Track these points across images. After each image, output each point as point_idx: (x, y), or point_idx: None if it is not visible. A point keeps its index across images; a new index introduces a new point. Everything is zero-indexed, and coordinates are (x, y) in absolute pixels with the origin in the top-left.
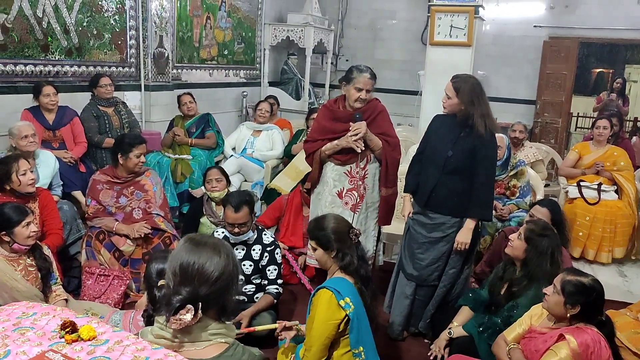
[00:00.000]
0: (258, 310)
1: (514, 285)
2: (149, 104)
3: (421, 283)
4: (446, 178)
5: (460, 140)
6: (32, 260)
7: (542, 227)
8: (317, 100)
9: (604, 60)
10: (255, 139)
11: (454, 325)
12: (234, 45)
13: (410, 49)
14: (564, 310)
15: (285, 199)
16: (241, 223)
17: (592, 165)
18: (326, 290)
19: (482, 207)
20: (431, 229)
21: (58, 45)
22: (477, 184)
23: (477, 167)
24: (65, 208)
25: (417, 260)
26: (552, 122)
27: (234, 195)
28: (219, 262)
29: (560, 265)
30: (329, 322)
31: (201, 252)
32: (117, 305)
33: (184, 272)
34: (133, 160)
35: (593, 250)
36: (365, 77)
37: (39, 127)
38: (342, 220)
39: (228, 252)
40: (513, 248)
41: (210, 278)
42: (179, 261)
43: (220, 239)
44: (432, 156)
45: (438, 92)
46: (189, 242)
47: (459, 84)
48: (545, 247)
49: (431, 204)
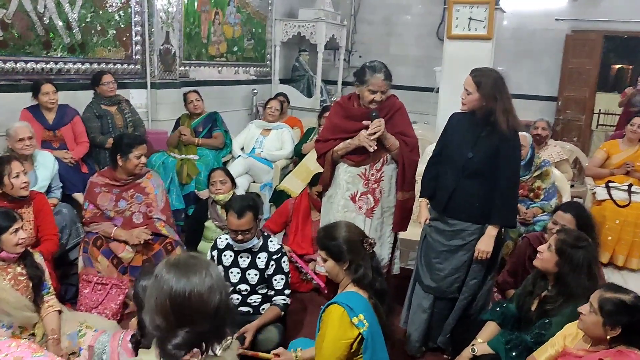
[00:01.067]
0: (264, 323)
1: (547, 304)
2: (155, 102)
3: (440, 295)
4: (466, 181)
5: (481, 140)
6: (22, 268)
7: (576, 238)
8: (330, 98)
9: (625, 56)
10: (264, 138)
11: (478, 341)
12: (244, 42)
13: (426, 44)
14: (603, 332)
15: (292, 203)
16: (245, 230)
17: (622, 165)
18: (337, 306)
19: (505, 212)
20: (450, 237)
21: (60, 41)
22: (500, 188)
23: (500, 169)
24: (64, 211)
25: (435, 271)
26: (574, 120)
27: (237, 200)
28: (212, 283)
29: (599, 280)
30: (340, 342)
31: (188, 274)
32: (115, 316)
33: (178, 307)
34: (133, 161)
35: (623, 255)
36: (379, 79)
37: (38, 126)
38: (355, 228)
39: (209, 265)
40: (542, 260)
41: (209, 307)
42: (167, 293)
43: (198, 257)
44: (451, 158)
45: (456, 88)
46: (170, 266)
47: (479, 78)
48: (580, 261)
49: (450, 209)
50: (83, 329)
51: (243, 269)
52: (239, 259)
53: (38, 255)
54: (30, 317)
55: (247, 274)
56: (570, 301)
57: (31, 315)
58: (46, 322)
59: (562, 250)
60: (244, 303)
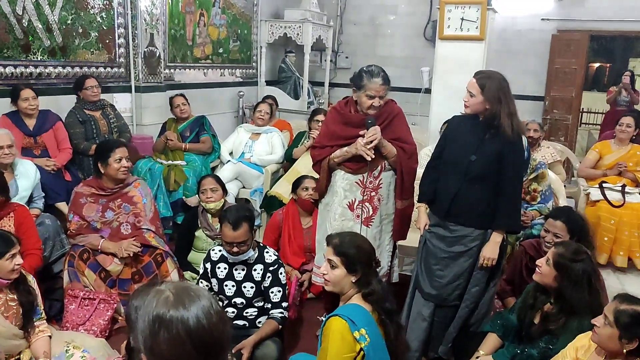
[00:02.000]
0: (261, 338)
1: (550, 322)
2: (140, 107)
3: (441, 303)
4: (469, 185)
5: (485, 143)
6: (14, 294)
7: (574, 252)
8: (317, 100)
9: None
10: (253, 142)
11: (481, 354)
12: (229, 43)
13: (413, 44)
14: (619, 345)
15: (280, 214)
16: (240, 242)
17: (614, 165)
18: (339, 319)
19: (510, 217)
20: (451, 243)
21: (40, 44)
22: (505, 192)
23: (504, 173)
24: (47, 222)
25: (435, 278)
26: (561, 119)
27: (232, 211)
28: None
29: (600, 292)
30: (342, 356)
31: (192, 306)
32: (104, 333)
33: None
34: (113, 166)
35: (621, 256)
36: (377, 84)
37: (18, 133)
38: (369, 242)
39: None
40: (542, 275)
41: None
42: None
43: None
44: (453, 162)
45: (448, 89)
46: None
47: (484, 81)
48: (580, 274)
49: (452, 214)
50: (70, 349)
51: (238, 281)
52: (234, 272)
53: (31, 278)
54: (18, 345)
55: (243, 287)
56: (573, 318)
57: (19, 343)
58: (36, 347)
59: (560, 264)
60: (240, 316)
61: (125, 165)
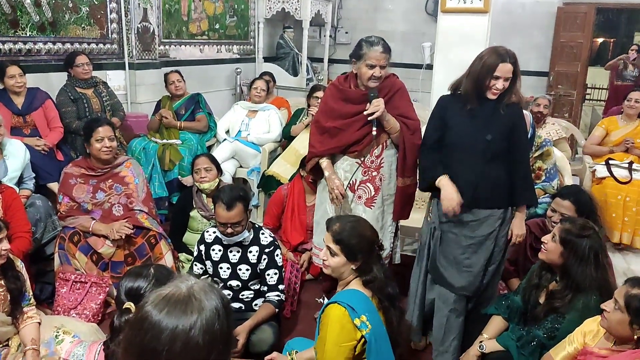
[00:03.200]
0: (257, 322)
1: (555, 299)
2: (134, 84)
3: (475, 294)
4: (490, 167)
5: (496, 120)
6: (1, 280)
7: (581, 227)
8: (316, 76)
9: (607, 29)
10: (250, 120)
11: (485, 337)
12: (226, 19)
13: (414, 19)
14: (630, 331)
15: (286, 190)
16: (235, 222)
17: (622, 142)
18: (338, 306)
19: (529, 191)
20: (476, 227)
21: (29, 20)
22: (521, 166)
23: (517, 148)
24: (38, 203)
25: (464, 268)
26: (566, 95)
27: (225, 191)
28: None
29: (607, 269)
30: (342, 345)
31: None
32: (96, 317)
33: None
34: (95, 146)
35: (627, 233)
36: (377, 51)
37: (6, 112)
38: (373, 227)
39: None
40: (548, 252)
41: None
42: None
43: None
44: (467, 145)
45: (451, 65)
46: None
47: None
48: (587, 251)
49: (478, 200)
50: (60, 334)
51: (233, 264)
52: (228, 254)
53: (20, 262)
54: (6, 331)
55: (238, 269)
56: (579, 294)
57: (7, 329)
58: (24, 333)
59: (567, 240)
60: (236, 299)
61: (107, 145)
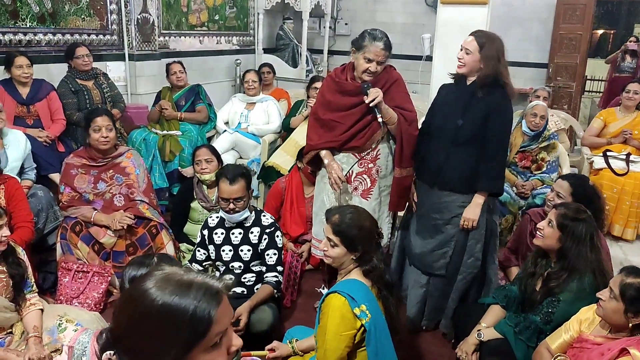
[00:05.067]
0: (257, 303)
1: (551, 280)
2: (134, 75)
3: (426, 270)
4: (457, 150)
5: (472, 106)
6: (3, 266)
7: (576, 211)
8: (315, 68)
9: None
10: (249, 112)
11: (483, 326)
12: (226, 10)
13: (414, 11)
14: (625, 319)
15: (283, 182)
16: (237, 198)
17: (619, 133)
18: (338, 295)
19: (490, 179)
20: (438, 209)
21: (29, 10)
22: (489, 153)
23: (490, 135)
24: (39, 194)
25: (420, 245)
26: (565, 87)
27: (229, 168)
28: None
29: (601, 250)
30: (342, 334)
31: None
32: (98, 306)
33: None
34: (93, 136)
35: (619, 225)
36: (378, 47)
37: (11, 101)
38: (372, 217)
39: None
40: (544, 238)
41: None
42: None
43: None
44: (440, 127)
45: (450, 56)
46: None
47: (483, 40)
48: (583, 233)
49: (440, 181)
50: (63, 323)
51: (235, 245)
52: (230, 236)
53: (21, 250)
54: (10, 318)
55: (240, 250)
56: (574, 275)
57: (10, 316)
58: (27, 320)
59: (564, 224)
60: (238, 283)
61: (104, 135)
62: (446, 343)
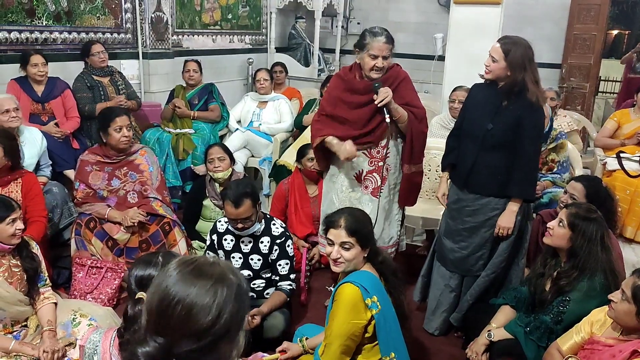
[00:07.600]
0: (270, 309)
1: (561, 279)
2: (147, 73)
3: (466, 274)
4: (486, 154)
5: (502, 111)
6: (17, 260)
7: (587, 210)
8: (327, 67)
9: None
10: (261, 110)
11: (493, 327)
12: (239, 9)
13: (426, 10)
14: (637, 321)
15: (286, 185)
16: (244, 218)
17: (633, 134)
18: (351, 285)
19: (522, 185)
20: (472, 213)
21: (45, 9)
22: (521, 159)
23: (521, 140)
24: (54, 190)
25: (457, 248)
26: (578, 87)
27: (232, 188)
28: (214, 301)
29: (612, 251)
30: (351, 322)
31: (198, 284)
32: (111, 301)
33: (161, 312)
34: (114, 136)
35: (632, 227)
36: (380, 42)
37: (26, 99)
38: (360, 209)
39: (225, 280)
40: (554, 237)
41: (196, 326)
42: (159, 292)
43: (229, 266)
44: (470, 130)
45: (462, 56)
46: (181, 264)
47: (509, 46)
48: (594, 233)
49: (470, 184)
50: (77, 318)
51: (245, 254)
52: (240, 244)
53: (34, 244)
54: (24, 311)
55: (250, 259)
56: (584, 273)
57: (25, 309)
58: (41, 314)
59: (575, 224)
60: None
61: (125, 134)
62: (456, 343)
